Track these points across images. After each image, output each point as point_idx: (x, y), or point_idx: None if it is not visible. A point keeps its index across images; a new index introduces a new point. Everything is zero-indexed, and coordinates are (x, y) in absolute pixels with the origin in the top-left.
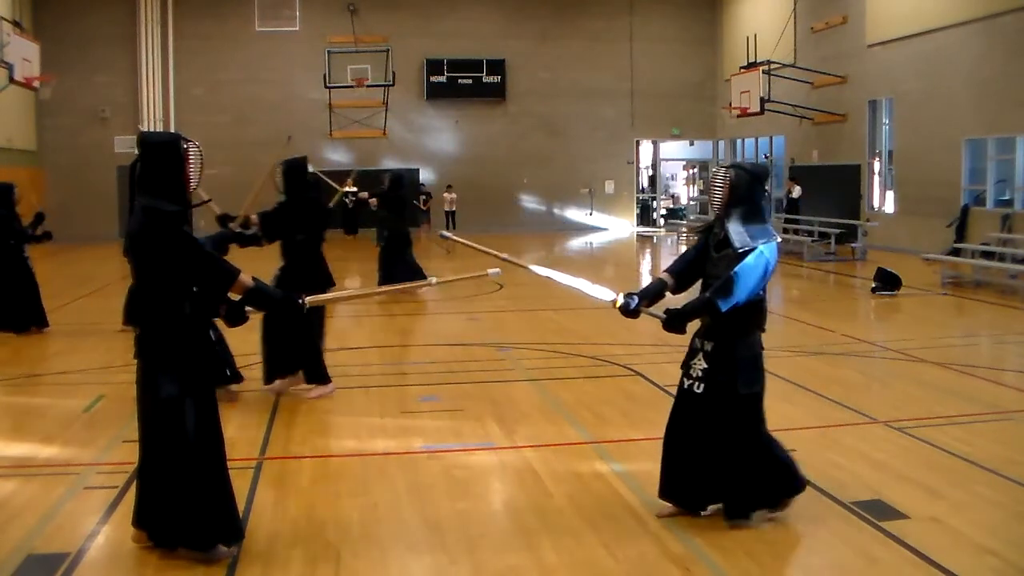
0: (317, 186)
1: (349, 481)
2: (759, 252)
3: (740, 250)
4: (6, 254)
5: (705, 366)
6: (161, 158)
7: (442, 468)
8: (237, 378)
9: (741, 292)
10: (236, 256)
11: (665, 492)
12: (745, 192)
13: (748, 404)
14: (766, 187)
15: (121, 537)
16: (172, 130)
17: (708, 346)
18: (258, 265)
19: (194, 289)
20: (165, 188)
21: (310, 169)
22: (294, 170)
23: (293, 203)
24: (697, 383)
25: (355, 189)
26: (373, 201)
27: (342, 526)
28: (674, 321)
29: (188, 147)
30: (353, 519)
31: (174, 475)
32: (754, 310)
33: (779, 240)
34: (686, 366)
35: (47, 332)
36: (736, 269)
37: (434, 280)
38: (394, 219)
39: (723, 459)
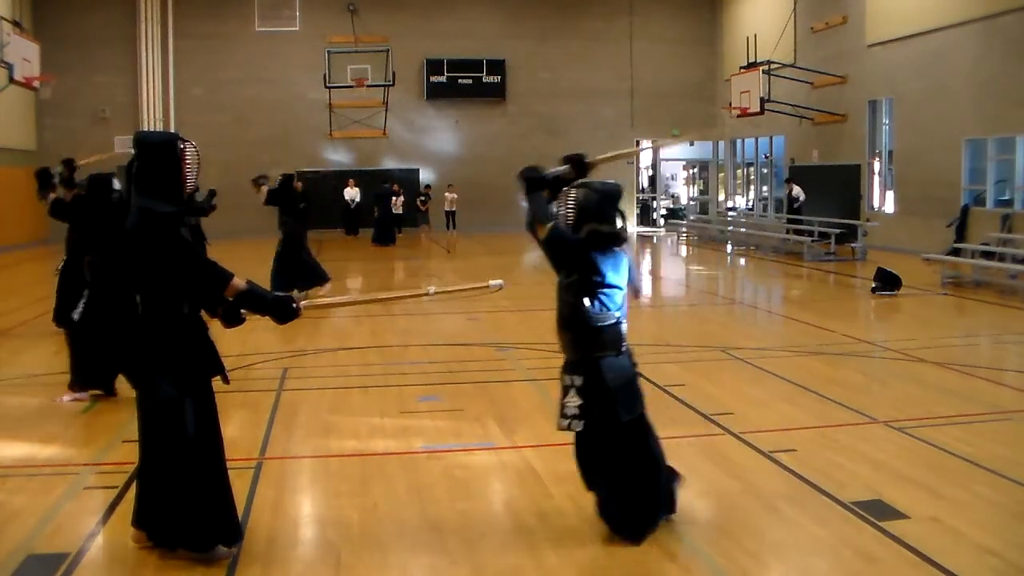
0: (120, 206)
1: (349, 481)
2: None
3: None
4: None
5: (580, 401)
6: (158, 158)
7: (442, 468)
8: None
9: (548, 246)
10: None
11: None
12: (595, 211)
13: (631, 427)
14: (618, 205)
15: (121, 537)
16: (172, 130)
17: (578, 381)
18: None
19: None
20: (161, 188)
21: (117, 186)
22: (98, 186)
23: (93, 221)
24: (574, 421)
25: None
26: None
27: (342, 526)
28: (528, 184)
29: (185, 147)
30: (353, 519)
31: (173, 476)
32: (608, 331)
33: (628, 258)
34: (560, 406)
35: (45, 332)
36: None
37: (432, 290)
38: (287, 220)
39: (622, 480)
